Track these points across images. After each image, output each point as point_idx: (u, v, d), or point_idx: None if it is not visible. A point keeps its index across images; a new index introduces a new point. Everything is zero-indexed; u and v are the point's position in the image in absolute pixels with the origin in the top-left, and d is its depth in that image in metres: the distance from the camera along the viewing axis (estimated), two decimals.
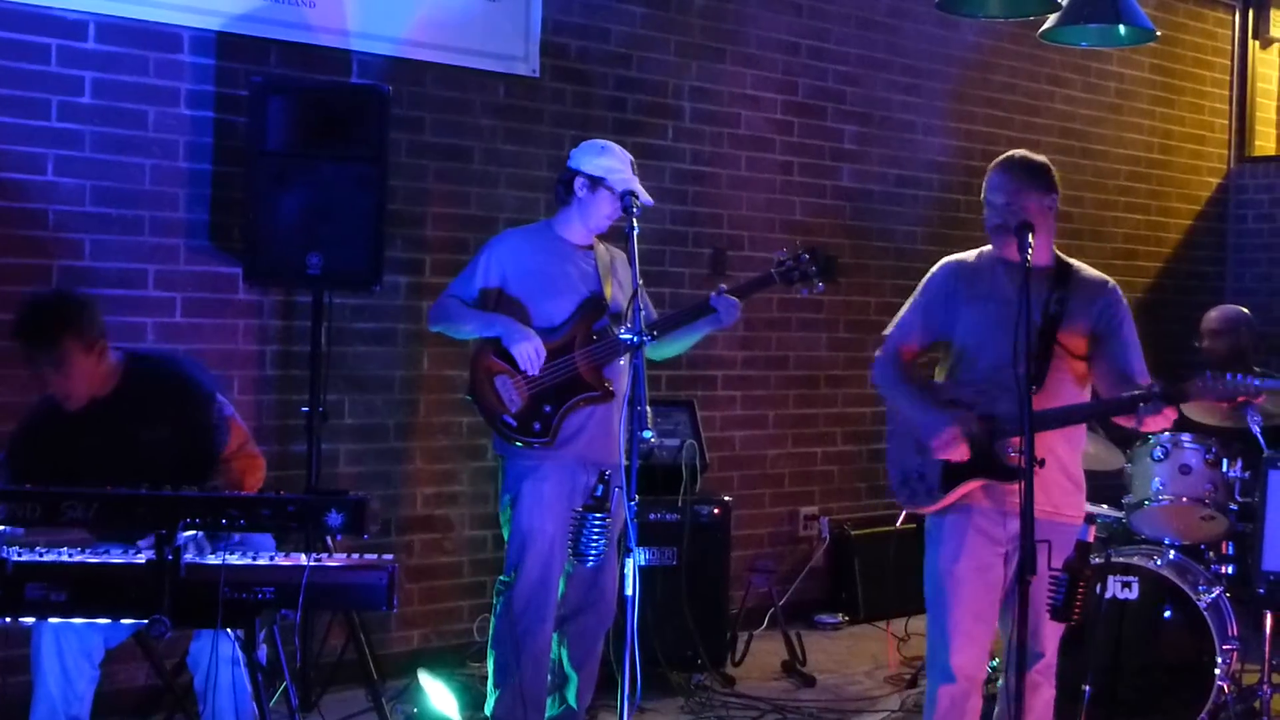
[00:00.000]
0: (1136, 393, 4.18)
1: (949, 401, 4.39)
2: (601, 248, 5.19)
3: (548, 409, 4.96)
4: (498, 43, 6.57)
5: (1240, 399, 4.19)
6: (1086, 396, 4.46)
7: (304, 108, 5.57)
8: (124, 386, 4.54)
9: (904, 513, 4.65)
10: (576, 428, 4.98)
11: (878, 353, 4.62)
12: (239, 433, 4.70)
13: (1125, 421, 4.32)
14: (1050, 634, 4.37)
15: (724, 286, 5.12)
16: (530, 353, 4.93)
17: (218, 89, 5.80)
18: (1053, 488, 4.33)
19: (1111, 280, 4.55)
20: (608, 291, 5.06)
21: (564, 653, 5.12)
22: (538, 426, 4.96)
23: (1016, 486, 4.01)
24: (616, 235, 5.11)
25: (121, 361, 4.58)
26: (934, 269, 4.63)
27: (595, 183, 5.02)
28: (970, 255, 4.59)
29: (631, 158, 5.13)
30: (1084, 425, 4.56)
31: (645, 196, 5.00)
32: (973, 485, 4.35)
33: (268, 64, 5.89)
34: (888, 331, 4.63)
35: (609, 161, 5.04)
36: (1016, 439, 4.11)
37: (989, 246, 4.52)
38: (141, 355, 4.75)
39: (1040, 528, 3.96)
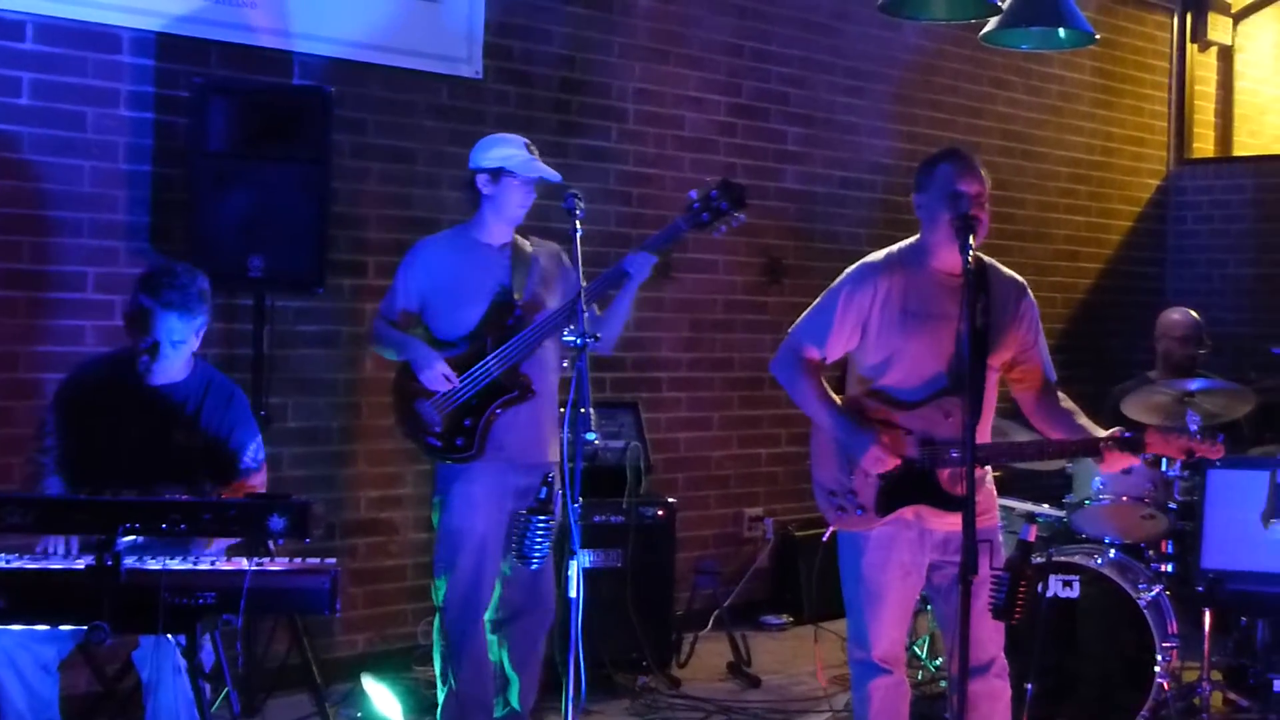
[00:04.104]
0: (1097, 438, 4.21)
1: (883, 424, 4.33)
2: (523, 243, 5.13)
3: (468, 422, 4.94)
4: (440, 44, 6.55)
5: (1198, 454, 4.22)
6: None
7: (245, 109, 5.53)
8: (193, 382, 4.56)
9: (830, 529, 4.58)
10: (502, 432, 4.96)
11: (781, 347, 4.51)
12: (255, 485, 4.64)
13: (1050, 431, 4.37)
14: (994, 636, 4.39)
15: (644, 242, 5.00)
16: (437, 377, 4.91)
17: (158, 90, 5.75)
18: (988, 502, 4.36)
19: (1021, 278, 4.50)
20: (519, 286, 5.01)
21: (504, 655, 5.10)
22: (460, 442, 4.94)
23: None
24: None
25: (196, 360, 4.60)
26: (852, 272, 4.46)
27: (496, 174, 4.99)
28: (893, 252, 4.43)
29: (527, 140, 5.07)
30: (990, 425, 4.47)
31: (550, 173, 5.00)
32: (908, 512, 4.34)
33: (208, 65, 5.84)
34: (794, 328, 4.52)
35: (503, 150, 5.01)
36: (961, 470, 4.07)
37: (906, 244, 4.42)
38: (211, 366, 4.75)
39: (995, 542, 4.06)
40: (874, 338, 4.38)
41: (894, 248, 4.46)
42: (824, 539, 4.66)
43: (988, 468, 4.44)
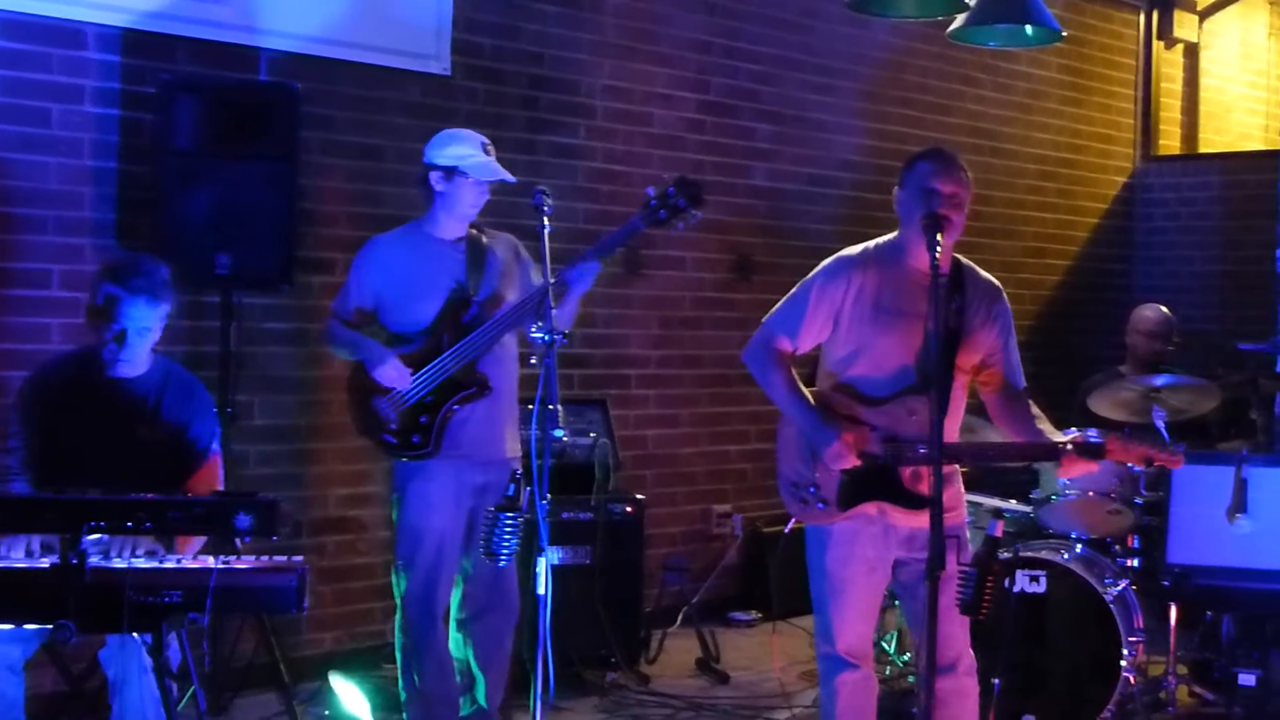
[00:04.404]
0: (1058, 443, 4.20)
1: (847, 419, 4.32)
2: (479, 237, 5.09)
3: (424, 419, 4.91)
4: (409, 41, 6.53)
5: (1158, 462, 4.23)
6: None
7: (213, 106, 5.51)
8: (154, 375, 4.55)
9: (792, 521, 4.59)
10: (459, 430, 4.93)
11: (754, 336, 4.51)
12: (213, 471, 4.63)
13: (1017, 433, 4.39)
14: (959, 633, 4.39)
15: (589, 250, 4.91)
16: (391, 375, 4.89)
17: (124, 86, 5.72)
18: (953, 500, 4.34)
19: (997, 282, 4.51)
20: (474, 281, 4.99)
21: (470, 653, 5.09)
22: (417, 439, 4.92)
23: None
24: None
25: (154, 354, 4.58)
26: (827, 265, 4.47)
27: (450, 172, 4.96)
28: (869, 247, 4.44)
29: (484, 139, 5.02)
30: (958, 425, 4.47)
31: (506, 175, 4.97)
32: (871, 508, 4.33)
33: (175, 61, 5.81)
34: (768, 318, 4.52)
35: (459, 148, 4.97)
36: (925, 469, 4.08)
37: (885, 240, 4.42)
38: (169, 359, 4.73)
39: (962, 538, 4.09)
40: (844, 331, 4.39)
41: (872, 243, 4.46)
42: (786, 530, 4.65)
43: (956, 465, 4.45)
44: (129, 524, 3.80)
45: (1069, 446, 4.18)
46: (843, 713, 4.43)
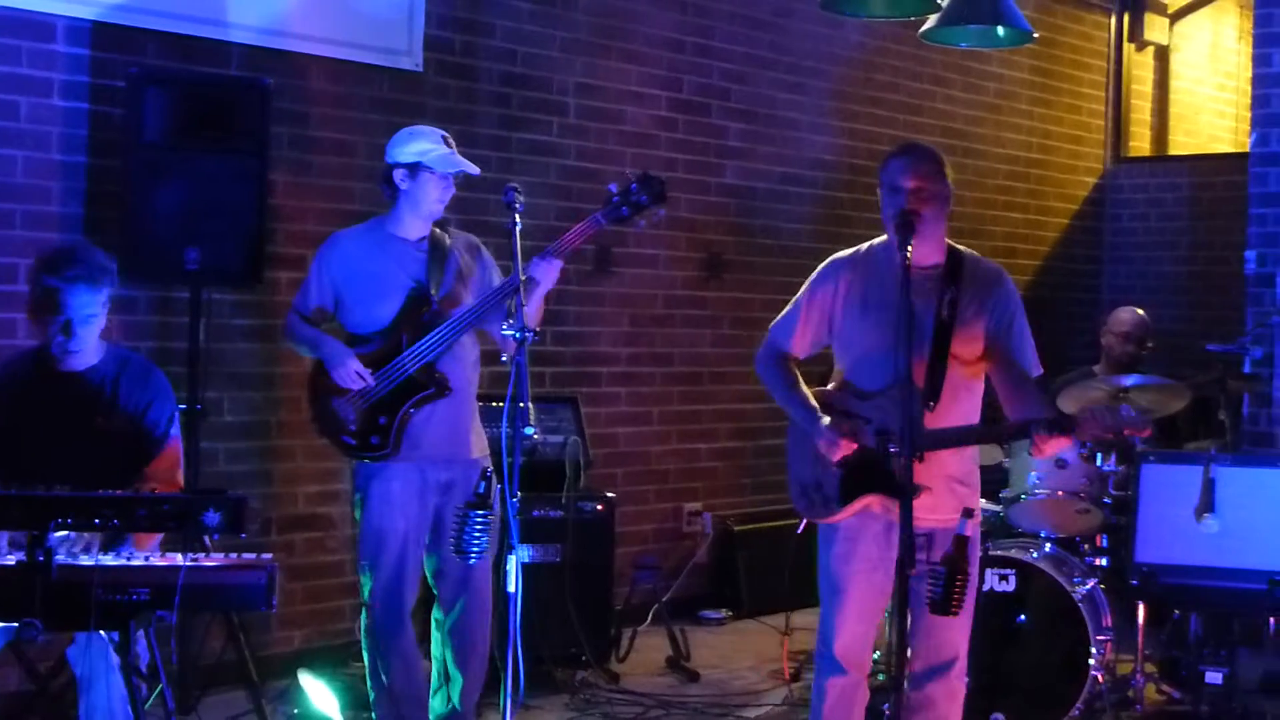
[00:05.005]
0: (1029, 421, 4.17)
1: (844, 413, 4.34)
2: (441, 236, 5.06)
3: (383, 420, 4.89)
4: (381, 36, 6.51)
5: (1128, 432, 4.22)
6: (979, 400, 4.44)
7: (183, 100, 5.48)
8: (108, 364, 4.52)
9: (804, 521, 4.63)
10: (418, 430, 4.91)
11: (761, 346, 4.59)
12: (172, 456, 4.62)
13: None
14: (959, 638, 4.40)
15: (549, 248, 4.87)
16: (350, 375, 4.87)
17: (93, 80, 5.68)
18: (947, 499, 4.32)
19: (1002, 269, 4.52)
20: (435, 281, 4.96)
21: (448, 654, 5.08)
22: (376, 440, 4.90)
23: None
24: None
25: (107, 344, 4.56)
26: (820, 269, 4.54)
27: (413, 169, 4.93)
28: (862, 249, 4.49)
29: (444, 133, 5.00)
30: (959, 417, 4.44)
31: (469, 166, 4.95)
32: (870, 499, 4.34)
33: (144, 55, 5.78)
34: (772, 325, 4.58)
35: (420, 144, 4.95)
36: (915, 460, 4.09)
37: (881, 239, 4.45)
38: (123, 348, 4.72)
39: (938, 537, 4.08)
40: (839, 330, 4.45)
41: (865, 244, 4.51)
42: (799, 531, 4.69)
43: (971, 460, 4.45)
44: (96, 520, 3.78)
45: (1039, 424, 4.14)
46: (828, 715, 4.45)
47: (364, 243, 5.05)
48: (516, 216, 4.46)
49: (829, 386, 4.51)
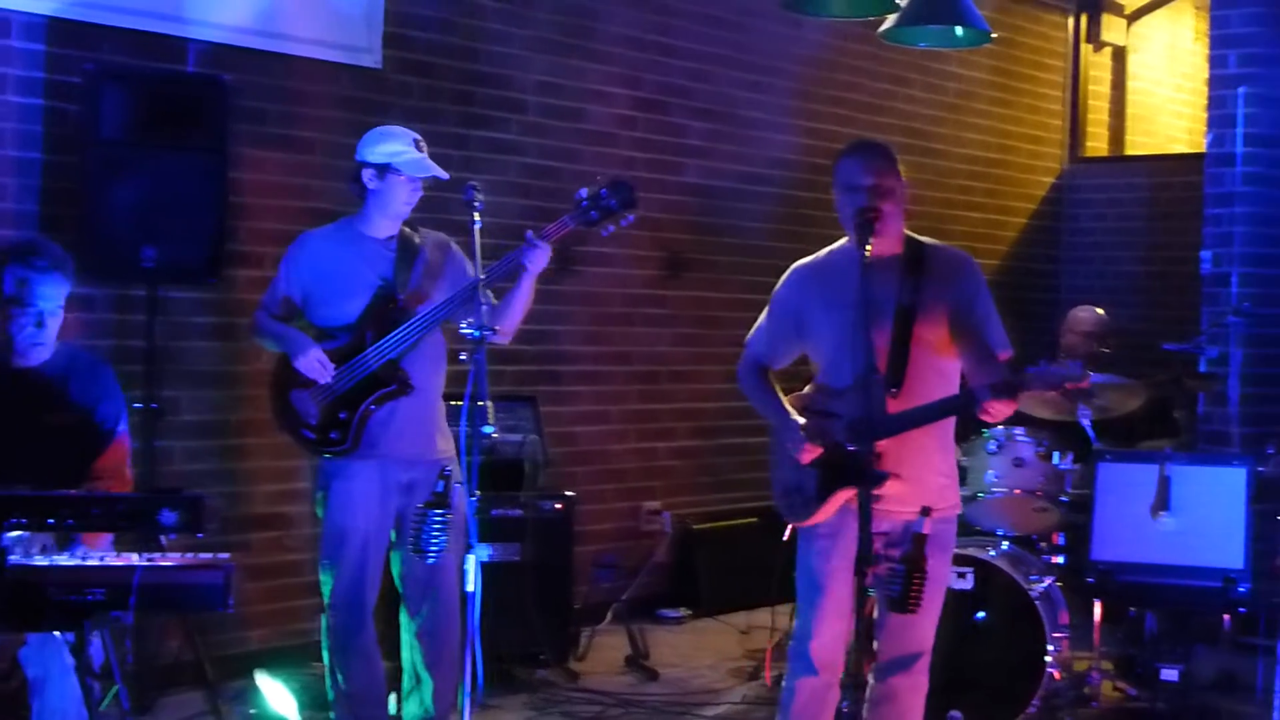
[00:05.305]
0: (976, 386, 4.16)
1: (819, 413, 4.36)
2: (410, 235, 5.05)
3: (343, 415, 4.87)
4: (341, 34, 6.49)
5: (1069, 385, 4.24)
6: (954, 385, 4.41)
7: (140, 97, 5.45)
8: (59, 359, 4.48)
9: (790, 526, 4.63)
10: (379, 427, 4.90)
11: (740, 359, 4.61)
12: (121, 451, 4.58)
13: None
14: (927, 631, 4.42)
15: (530, 234, 4.86)
16: (313, 365, 4.85)
17: (48, 76, 5.64)
18: (929, 484, 4.35)
19: (966, 254, 4.53)
20: (402, 279, 4.94)
21: (417, 657, 5.06)
22: (335, 435, 4.89)
23: (885, 491, 4.03)
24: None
25: (59, 341, 4.52)
26: (783, 277, 4.56)
27: (383, 170, 4.92)
28: (822, 253, 4.52)
29: (416, 135, 4.99)
30: (950, 418, 4.48)
31: (439, 171, 4.94)
32: (847, 494, 4.32)
33: (101, 51, 5.73)
34: (747, 337, 4.62)
35: (392, 146, 4.94)
36: (877, 444, 4.09)
37: (841, 242, 4.46)
38: (73, 344, 4.67)
39: (911, 530, 4.08)
40: (808, 335, 4.47)
41: (825, 249, 4.53)
42: (784, 538, 4.69)
43: (943, 449, 4.46)
44: (51, 520, 3.75)
45: (987, 388, 4.14)
46: (796, 715, 4.45)
47: (333, 242, 5.04)
48: (476, 215, 4.45)
49: (806, 390, 4.53)
